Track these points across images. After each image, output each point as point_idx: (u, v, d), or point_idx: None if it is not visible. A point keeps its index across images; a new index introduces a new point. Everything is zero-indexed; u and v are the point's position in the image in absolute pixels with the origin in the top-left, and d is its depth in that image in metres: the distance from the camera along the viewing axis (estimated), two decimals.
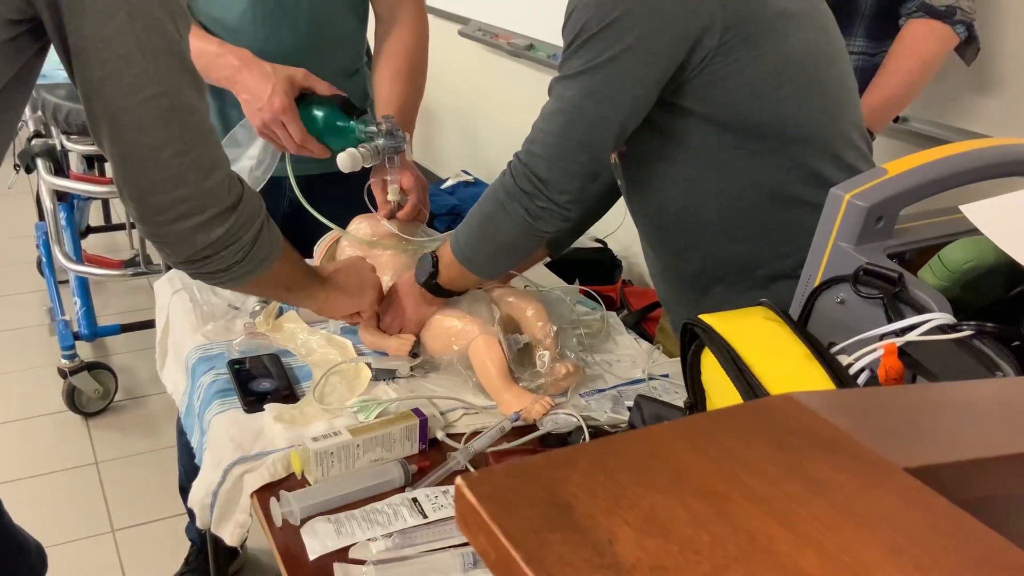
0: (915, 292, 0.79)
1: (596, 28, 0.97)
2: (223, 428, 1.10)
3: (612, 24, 0.96)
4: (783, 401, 0.43)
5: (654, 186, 1.14)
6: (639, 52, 0.97)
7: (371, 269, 1.29)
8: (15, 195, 3.85)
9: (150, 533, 2.14)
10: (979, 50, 1.52)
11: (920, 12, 1.49)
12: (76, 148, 2.51)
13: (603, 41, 0.97)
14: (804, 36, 1.04)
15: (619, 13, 0.96)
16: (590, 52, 0.99)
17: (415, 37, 1.54)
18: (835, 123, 1.09)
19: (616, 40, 0.97)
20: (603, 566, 0.31)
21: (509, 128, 3.17)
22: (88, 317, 2.59)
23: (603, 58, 0.98)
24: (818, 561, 0.32)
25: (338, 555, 0.91)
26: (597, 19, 0.97)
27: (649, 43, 0.97)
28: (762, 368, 0.79)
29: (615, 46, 0.97)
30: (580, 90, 1.00)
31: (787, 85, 1.03)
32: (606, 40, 0.97)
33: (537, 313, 1.27)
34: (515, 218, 1.08)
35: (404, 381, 1.22)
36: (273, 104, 1.34)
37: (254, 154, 1.44)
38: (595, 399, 1.21)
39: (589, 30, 0.98)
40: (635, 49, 0.97)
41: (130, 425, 2.55)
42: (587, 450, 0.38)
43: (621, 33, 0.97)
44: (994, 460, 0.41)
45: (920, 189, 0.88)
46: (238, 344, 1.27)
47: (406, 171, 1.43)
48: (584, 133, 1.02)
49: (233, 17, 1.43)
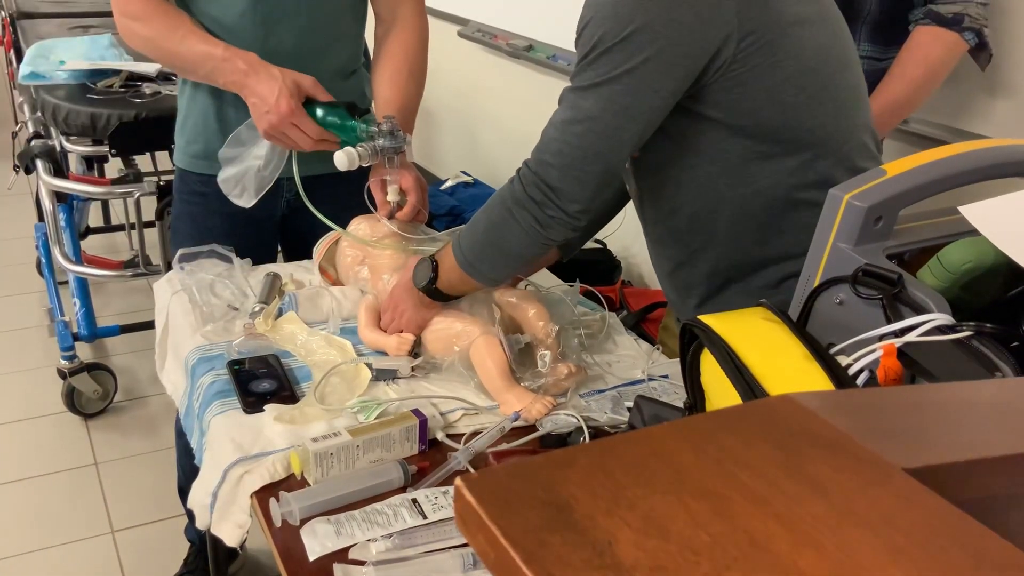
0: (914, 293, 0.79)
1: (613, 41, 0.97)
2: (223, 429, 1.10)
3: (630, 37, 0.96)
4: (782, 402, 0.43)
5: (668, 191, 1.14)
6: (657, 64, 0.97)
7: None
8: (15, 196, 3.84)
9: (150, 534, 2.14)
10: (992, 56, 1.52)
11: (928, 19, 1.49)
12: (75, 149, 2.51)
13: (621, 53, 0.97)
14: (818, 41, 1.04)
15: (637, 26, 0.96)
16: (607, 64, 0.98)
17: (415, 37, 1.54)
18: (848, 127, 1.09)
19: (634, 53, 0.97)
20: (602, 566, 0.31)
21: (509, 129, 3.17)
22: (87, 318, 2.59)
23: (621, 70, 0.98)
24: (817, 561, 0.32)
25: (338, 556, 0.91)
26: (614, 32, 0.97)
27: (667, 55, 0.97)
28: (761, 369, 0.79)
29: (633, 58, 0.97)
30: (596, 101, 1.00)
31: (802, 90, 1.03)
32: (624, 52, 0.97)
33: (539, 313, 1.27)
34: (524, 226, 1.08)
35: (404, 381, 1.22)
36: (280, 107, 1.34)
37: (261, 154, 1.44)
38: (595, 400, 1.21)
39: (606, 42, 0.98)
40: (653, 61, 0.97)
41: (130, 426, 2.55)
42: (586, 451, 0.38)
43: (640, 46, 0.96)
44: (993, 461, 0.41)
45: (919, 190, 0.88)
46: (238, 345, 1.27)
47: (405, 172, 1.43)
48: (601, 144, 1.02)
49: (232, 17, 1.43)
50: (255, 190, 1.44)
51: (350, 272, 1.44)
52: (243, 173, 1.44)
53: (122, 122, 2.27)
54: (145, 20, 1.41)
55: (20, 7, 3.32)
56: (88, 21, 3.19)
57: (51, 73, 2.47)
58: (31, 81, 2.46)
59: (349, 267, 1.44)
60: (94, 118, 2.28)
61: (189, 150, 1.58)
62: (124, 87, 2.45)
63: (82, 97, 2.36)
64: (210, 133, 1.53)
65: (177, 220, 1.65)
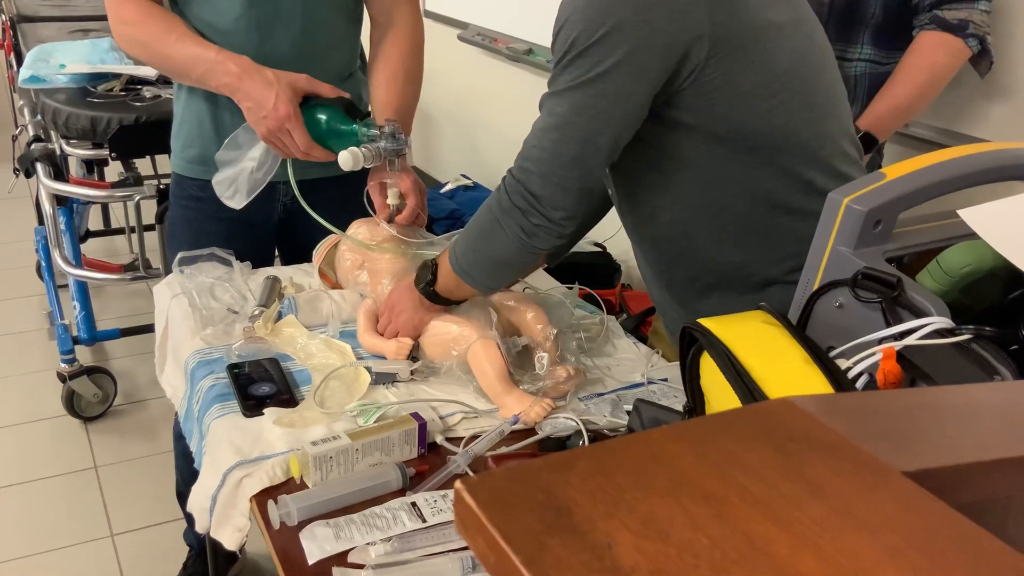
0: (913, 296, 0.79)
1: (586, 43, 0.97)
2: (222, 432, 1.10)
3: (602, 39, 0.96)
4: (782, 405, 0.43)
5: (644, 197, 1.14)
6: (629, 66, 0.97)
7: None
8: (15, 199, 3.85)
9: (149, 538, 2.13)
10: (992, 63, 1.52)
11: (932, 25, 1.49)
12: (75, 152, 2.51)
13: (593, 56, 0.97)
14: (791, 46, 1.04)
15: (608, 28, 0.96)
16: (580, 67, 0.98)
17: (411, 41, 1.54)
18: (824, 131, 1.09)
19: (606, 55, 0.97)
20: (602, 569, 0.31)
21: (508, 132, 3.17)
22: (87, 321, 2.58)
23: (594, 73, 0.98)
24: (816, 564, 0.32)
25: (337, 559, 0.90)
26: (587, 34, 0.97)
27: (639, 57, 0.97)
28: (761, 372, 0.79)
29: (605, 61, 0.97)
30: (571, 105, 1.00)
31: (776, 95, 1.03)
32: (596, 55, 0.97)
33: (537, 316, 1.27)
34: (510, 235, 1.08)
35: (403, 385, 1.21)
36: (278, 112, 1.34)
37: (255, 156, 1.44)
38: (594, 403, 1.21)
39: (579, 45, 0.98)
40: (625, 63, 0.97)
41: (129, 429, 2.55)
42: (586, 454, 0.38)
43: (611, 48, 0.96)
44: (992, 464, 0.41)
45: (918, 193, 0.88)
46: (237, 348, 1.27)
47: (404, 175, 1.43)
48: (577, 148, 1.02)
49: (227, 22, 1.43)
50: (247, 192, 1.44)
51: (349, 276, 1.44)
52: (237, 175, 1.44)
53: (122, 125, 2.27)
54: (139, 24, 1.41)
55: (20, 11, 3.32)
56: (88, 25, 3.19)
57: (51, 77, 2.47)
58: (31, 84, 2.46)
59: (348, 271, 1.44)
60: (94, 121, 2.28)
61: (185, 155, 1.58)
62: (124, 91, 2.45)
63: (82, 101, 2.36)
64: (205, 138, 1.53)
65: (174, 225, 1.65)
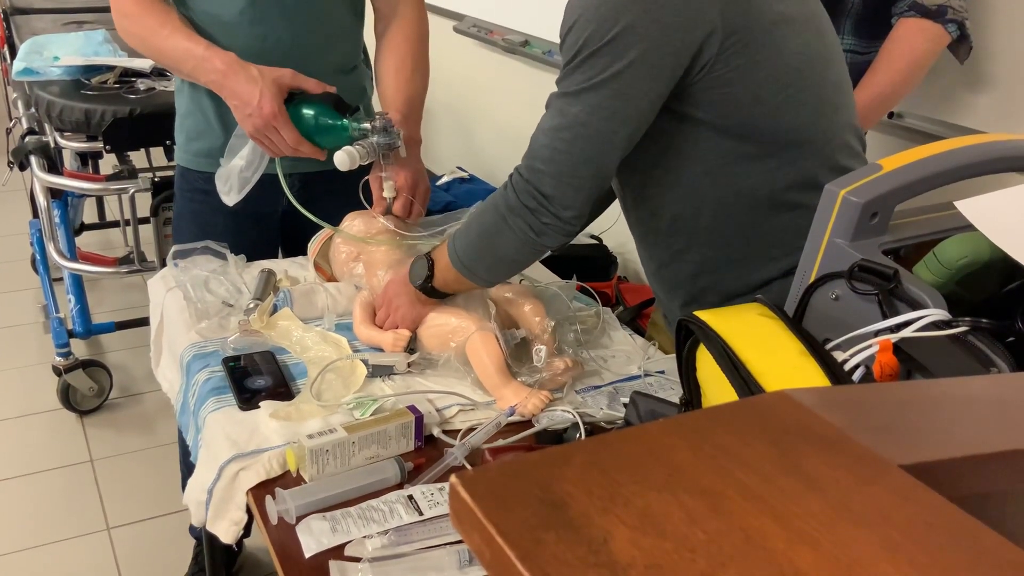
0: (910, 288, 0.79)
1: (598, 44, 0.97)
2: (218, 425, 1.10)
3: (614, 39, 0.96)
4: (778, 398, 0.43)
5: (650, 191, 1.14)
6: (643, 66, 0.97)
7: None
8: (9, 192, 3.83)
9: (145, 531, 2.13)
10: (972, 48, 1.52)
11: (911, 11, 1.49)
12: (70, 145, 2.50)
13: (606, 57, 0.97)
14: (801, 40, 1.04)
15: (620, 28, 0.95)
16: (593, 68, 0.98)
17: (416, 30, 1.54)
18: (831, 126, 1.09)
19: (619, 55, 0.96)
20: (598, 564, 0.31)
21: (505, 125, 3.17)
22: (83, 315, 2.58)
23: (607, 74, 0.97)
24: (813, 558, 0.32)
25: (334, 553, 0.90)
26: (599, 35, 0.96)
27: (652, 56, 0.97)
28: (757, 365, 0.79)
29: (618, 61, 0.97)
30: (584, 106, 1.00)
31: (785, 90, 1.03)
32: (609, 55, 0.97)
33: (535, 308, 1.27)
34: (518, 233, 1.08)
35: (400, 378, 1.21)
36: (263, 109, 1.33)
37: (244, 154, 1.44)
38: (591, 395, 1.21)
39: (591, 46, 0.97)
40: (638, 63, 0.97)
41: (125, 423, 2.55)
42: (582, 448, 0.38)
43: (624, 48, 0.96)
44: (989, 456, 0.41)
45: (915, 185, 0.88)
46: (233, 341, 1.26)
47: (404, 168, 1.43)
48: (591, 149, 1.01)
49: (231, 14, 1.42)
50: (238, 189, 1.44)
51: (345, 268, 1.43)
52: (230, 172, 1.44)
53: (116, 118, 2.26)
54: (136, 17, 1.41)
55: (14, 2, 3.31)
56: (82, 17, 3.18)
57: (45, 69, 2.46)
58: (25, 77, 2.45)
59: (344, 263, 1.44)
60: (88, 114, 2.27)
61: (190, 148, 1.57)
62: (118, 83, 2.44)
63: (76, 93, 2.35)
64: (211, 131, 1.53)
65: (179, 218, 1.64)
